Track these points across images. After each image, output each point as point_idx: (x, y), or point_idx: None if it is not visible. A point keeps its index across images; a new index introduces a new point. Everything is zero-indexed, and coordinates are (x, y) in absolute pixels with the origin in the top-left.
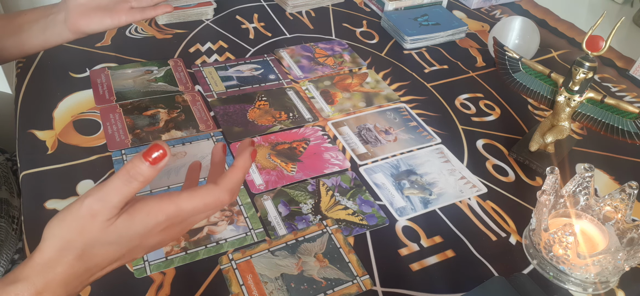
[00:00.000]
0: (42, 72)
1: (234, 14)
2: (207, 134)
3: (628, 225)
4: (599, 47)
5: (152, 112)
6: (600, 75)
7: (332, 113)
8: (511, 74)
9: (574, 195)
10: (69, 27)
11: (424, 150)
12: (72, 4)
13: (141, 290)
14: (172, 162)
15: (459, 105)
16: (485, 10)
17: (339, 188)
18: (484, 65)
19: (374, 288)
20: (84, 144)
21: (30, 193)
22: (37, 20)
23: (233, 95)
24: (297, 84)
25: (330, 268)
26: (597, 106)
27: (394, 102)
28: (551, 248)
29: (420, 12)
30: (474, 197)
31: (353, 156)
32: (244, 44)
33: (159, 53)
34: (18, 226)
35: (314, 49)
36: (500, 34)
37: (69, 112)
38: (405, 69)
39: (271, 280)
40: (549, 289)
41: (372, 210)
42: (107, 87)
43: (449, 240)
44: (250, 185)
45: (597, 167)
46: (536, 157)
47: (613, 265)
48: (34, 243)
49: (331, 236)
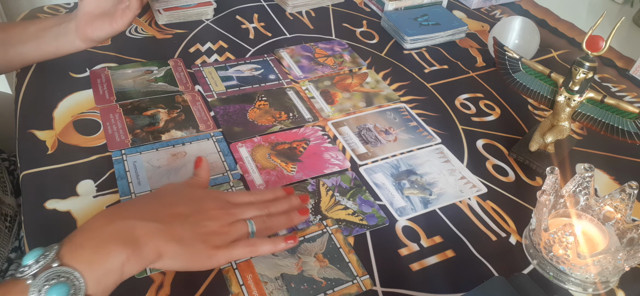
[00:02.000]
0: (42, 72)
1: (234, 14)
2: (207, 134)
3: (628, 225)
4: (599, 47)
5: (152, 112)
6: (600, 75)
7: (332, 113)
8: (511, 73)
9: (574, 195)
10: (79, 36)
11: (424, 150)
12: (80, 13)
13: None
14: (172, 162)
15: (459, 105)
16: (485, 10)
17: (339, 188)
18: (484, 65)
19: (374, 288)
20: (84, 144)
21: (30, 193)
22: (51, 28)
23: (233, 95)
24: (297, 84)
25: (330, 268)
26: (597, 106)
27: (394, 102)
28: (551, 248)
29: (420, 12)
30: (474, 197)
31: (353, 156)
32: (244, 44)
33: (159, 53)
34: (12, 224)
35: (314, 49)
36: (500, 34)
37: (69, 112)
38: (405, 69)
39: (271, 280)
40: (549, 289)
41: (372, 210)
42: (107, 87)
43: (449, 240)
44: (250, 185)
45: (597, 167)
46: (536, 157)
47: (613, 265)
48: (34, 243)
49: (331, 236)
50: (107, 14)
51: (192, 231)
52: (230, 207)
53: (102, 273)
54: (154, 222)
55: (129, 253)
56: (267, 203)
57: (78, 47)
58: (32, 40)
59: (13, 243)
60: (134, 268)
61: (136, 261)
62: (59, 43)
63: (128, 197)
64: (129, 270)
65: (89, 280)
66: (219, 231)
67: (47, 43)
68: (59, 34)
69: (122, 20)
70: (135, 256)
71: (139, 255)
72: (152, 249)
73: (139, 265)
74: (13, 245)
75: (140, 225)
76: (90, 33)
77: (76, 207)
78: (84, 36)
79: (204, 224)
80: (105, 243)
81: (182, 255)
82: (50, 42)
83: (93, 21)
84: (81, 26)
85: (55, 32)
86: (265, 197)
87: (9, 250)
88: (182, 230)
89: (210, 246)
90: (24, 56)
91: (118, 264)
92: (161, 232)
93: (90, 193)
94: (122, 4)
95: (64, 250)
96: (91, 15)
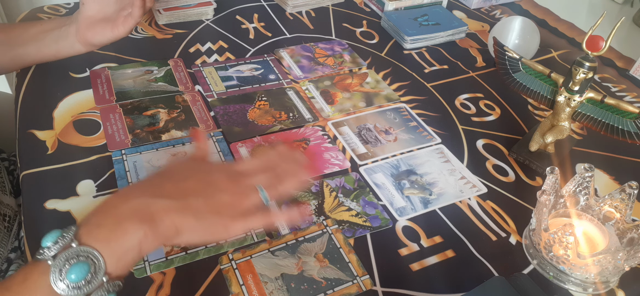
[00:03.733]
0: (42, 72)
1: (234, 14)
2: (207, 134)
3: (628, 225)
4: (599, 47)
5: (152, 112)
6: (600, 75)
7: (332, 113)
8: (511, 73)
9: (574, 195)
10: (79, 39)
11: (424, 150)
12: (81, 16)
13: (141, 290)
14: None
15: (459, 105)
16: (485, 10)
17: (342, 189)
18: (484, 65)
19: (374, 288)
20: (84, 144)
21: (30, 193)
22: (51, 31)
23: (233, 95)
24: (297, 84)
25: (330, 268)
26: (597, 106)
27: (394, 102)
28: (551, 248)
29: (420, 12)
30: (474, 197)
31: (353, 156)
32: (244, 44)
33: (159, 53)
34: (11, 225)
35: (314, 49)
36: (500, 34)
37: (69, 112)
38: (405, 69)
39: (271, 280)
40: (549, 289)
41: (375, 211)
42: (107, 87)
43: (449, 240)
44: None
45: (597, 167)
46: (536, 157)
47: (613, 265)
48: (34, 243)
49: (331, 236)
50: (109, 20)
51: (206, 205)
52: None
53: (120, 251)
54: (168, 198)
55: (146, 230)
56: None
57: (78, 50)
58: (32, 42)
59: (13, 243)
60: (152, 245)
61: (154, 238)
62: (59, 46)
63: None
64: (146, 247)
65: (108, 259)
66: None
67: (47, 45)
68: (60, 36)
69: (124, 26)
70: (152, 232)
71: (155, 231)
72: (169, 225)
73: (157, 241)
74: (13, 245)
75: (155, 202)
76: (91, 37)
77: (76, 207)
78: (84, 40)
79: (216, 196)
80: (122, 221)
81: (198, 228)
82: (50, 44)
83: (94, 26)
84: (82, 30)
85: (55, 35)
86: (270, 157)
87: (9, 250)
88: (196, 204)
89: (226, 217)
90: (24, 58)
91: (136, 241)
92: (176, 208)
93: (90, 193)
94: (124, 10)
95: (82, 230)
96: (92, 20)
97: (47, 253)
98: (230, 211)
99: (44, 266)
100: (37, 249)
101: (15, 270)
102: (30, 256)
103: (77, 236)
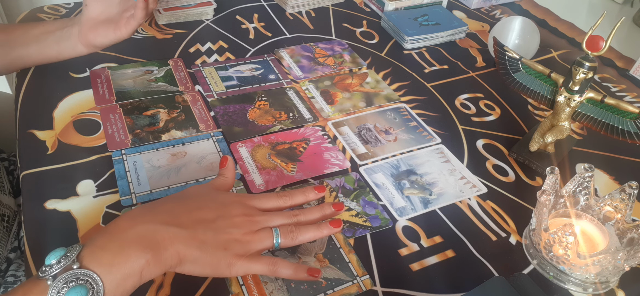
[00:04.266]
0: (42, 72)
1: (234, 14)
2: (207, 134)
3: (628, 225)
4: (599, 47)
5: (152, 112)
6: (600, 75)
7: (332, 113)
8: (511, 73)
9: (574, 195)
10: (81, 41)
11: (424, 150)
12: (84, 18)
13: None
14: (172, 162)
15: (459, 105)
16: (485, 10)
17: (342, 189)
18: (484, 65)
19: (374, 288)
20: (84, 144)
21: (30, 194)
22: (53, 32)
23: (233, 95)
24: (297, 84)
25: (330, 268)
26: (597, 106)
27: (394, 102)
28: (551, 248)
29: (420, 12)
30: (474, 197)
31: (353, 156)
32: (244, 44)
33: (159, 53)
34: (10, 225)
35: (314, 49)
36: (500, 34)
37: (69, 112)
38: (405, 69)
39: (271, 280)
40: (549, 289)
41: (376, 211)
42: (107, 87)
43: (449, 240)
44: (250, 185)
45: (597, 167)
46: (536, 157)
47: (613, 265)
48: (34, 243)
49: (331, 236)
50: (112, 21)
51: (215, 238)
52: (256, 213)
53: (121, 276)
54: (177, 226)
55: (149, 258)
56: (297, 209)
57: (80, 51)
58: (34, 43)
59: (12, 243)
60: (154, 272)
61: (156, 266)
62: (61, 47)
63: (128, 197)
64: (147, 274)
65: (107, 283)
66: (242, 239)
67: (49, 46)
68: (62, 38)
69: (126, 28)
70: (155, 260)
71: (158, 259)
72: (173, 254)
73: (159, 269)
74: (12, 245)
75: (162, 230)
76: (93, 39)
77: (76, 207)
78: (86, 42)
79: (227, 230)
80: (126, 246)
81: (202, 261)
82: (52, 45)
83: (97, 27)
84: (84, 31)
85: (57, 36)
86: (295, 200)
87: (8, 250)
88: (204, 235)
89: (231, 255)
90: (25, 58)
91: (137, 268)
92: (183, 238)
93: (90, 193)
94: (127, 12)
95: (86, 251)
96: (95, 21)
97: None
98: (238, 249)
99: (43, 286)
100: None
101: (14, 270)
102: (30, 257)
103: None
